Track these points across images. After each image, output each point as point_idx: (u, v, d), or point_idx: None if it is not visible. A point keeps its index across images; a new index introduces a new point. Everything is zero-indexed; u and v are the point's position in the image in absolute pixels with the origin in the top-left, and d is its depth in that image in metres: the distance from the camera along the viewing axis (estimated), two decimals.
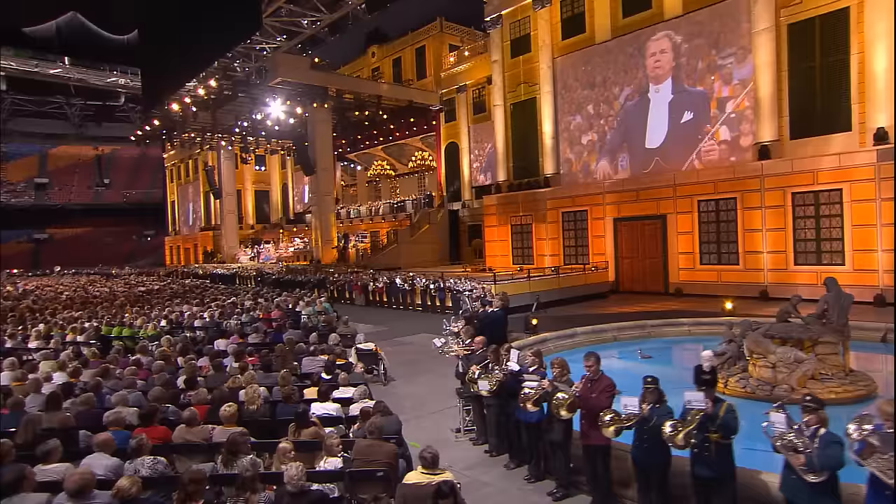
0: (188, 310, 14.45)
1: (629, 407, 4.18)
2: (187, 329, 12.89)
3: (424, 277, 18.59)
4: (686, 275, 18.54)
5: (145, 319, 12.76)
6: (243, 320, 13.62)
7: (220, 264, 38.41)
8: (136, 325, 12.26)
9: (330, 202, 31.43)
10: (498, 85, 25.42)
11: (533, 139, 24.15)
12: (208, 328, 12.87)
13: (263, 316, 14.06)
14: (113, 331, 12.15)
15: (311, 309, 14.87)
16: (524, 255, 24.31)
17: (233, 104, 32.26)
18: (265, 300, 16.45)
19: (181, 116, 34.65)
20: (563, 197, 22.58)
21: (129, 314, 14.27)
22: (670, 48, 19.34)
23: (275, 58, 29.64)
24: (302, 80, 29.50)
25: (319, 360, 8.02)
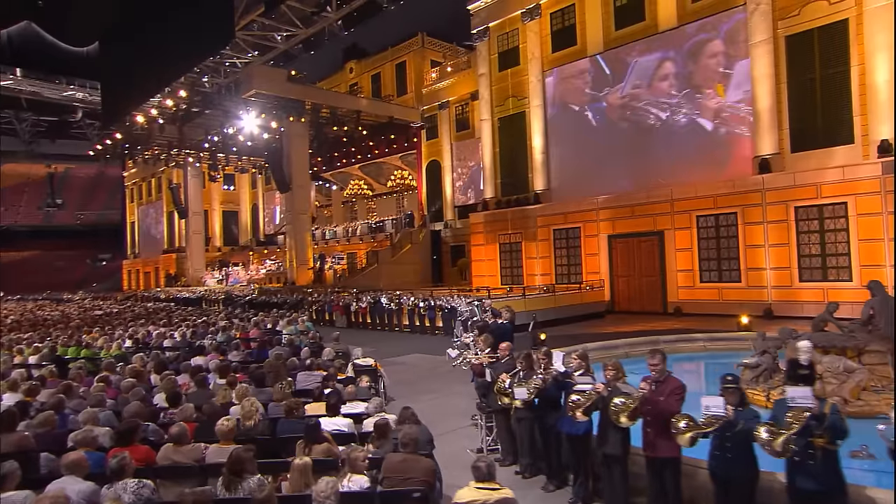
0: (155, 329, 13.54)
1: (712, 409, 3.70)
2: (155, 349, 12.02)
3: (413, 296, 17.99)
4: (685, 293, 18.37)
5: (107, 339, 11.83)
6: (219, 339, 12.81)
7: (185, 287, 37.00)
8: (96, 346, 11.32)
9: (305, 221, 30.69)
10: (485, 99, 25.39)
11: (522, 154, 24.05)
12: (179, 348, 12.03)
13: (241, 335, 13.26)
14: (69, 351, 11.19)
15: (294, 328, 14.13)
16: (513, 275, 23.93)
17: (202, 118, 31.54)
18: (240, 320, 15.59)
19: (146, 130, 33.69)
20: (554, 214, 22.40)
21: (87, 335, 13.27)
22: (665, 60, 19.54)
23: (249, 69, 29.21)
24: (278, 93, 29.07)
25: (316, 376, 7.35)
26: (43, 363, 10.28)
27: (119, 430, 4.47)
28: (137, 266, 55.15)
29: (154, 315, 19.05)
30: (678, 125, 19.09)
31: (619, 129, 20.76)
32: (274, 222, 47.49)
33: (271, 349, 10.21)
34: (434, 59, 35.83)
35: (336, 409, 5.34)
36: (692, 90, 18.68)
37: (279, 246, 41.51)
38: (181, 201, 38.71)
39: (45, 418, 5.11)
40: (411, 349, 14.39)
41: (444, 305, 16.48)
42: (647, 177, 19.76)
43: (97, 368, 9.61)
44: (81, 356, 10.98)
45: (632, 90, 20.37)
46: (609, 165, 20.90)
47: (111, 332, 13.69)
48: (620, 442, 4.40)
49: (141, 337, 12.36)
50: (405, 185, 38.89)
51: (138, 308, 23.28)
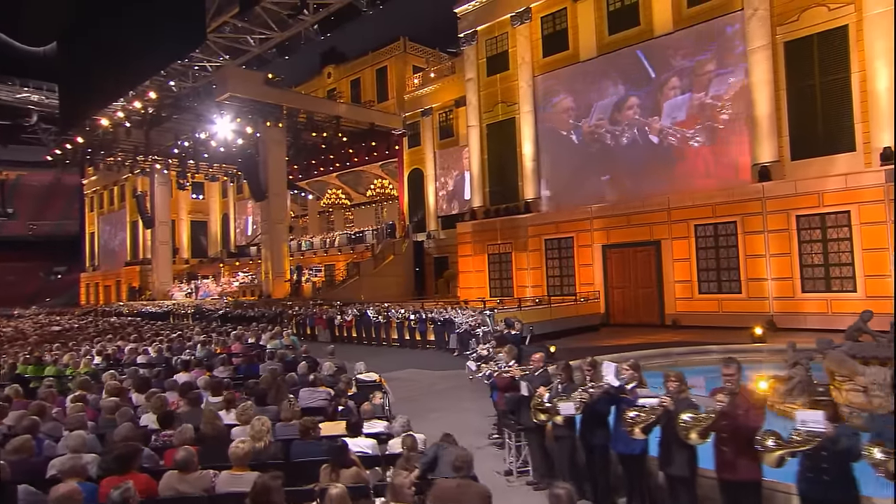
0: (126, 345, 12.80)
1: (809, 424, 3.38)
2: (128, 366, 11.32)
3: (402, 308, 17.52)
4: (683, 305, 18.30)
5: (74, 356, 11.08)
6: (198, 355, 12.15)
7: (150, 301, 35.76)
8: (62, 363, 10.58)
9: (282, 231, 29.98)
10: (473, 104, 25.23)
11: (511, 162, 23.90)
12: (155, 364, 11.35)
13: (221, 350, 12.63)
14: (30, 369, 10.43)
15: (279, 342, 13.54)
16: (503, 287, 23.65)
17: (172, 122, 30.73)
18: (218, 335, 14.92)
19: (110, 135, 32.63)
20: (545, 223, 22.23)
21: (49, 353, 12.46)
22: (658, 65, 19.64)
23: (224, 71, 28.57)
24: (254, 97, 28.50)
25: (321, 392, 6.87)
26: (2, 383, 9.54)
27: (116, 456, 3.94)
28: (97, 279, 53.36)
29: (121, 330, 18.16)
30: (673, 131, 19.15)
31: (611, 137, 20.77)
32: (246, 233, 46.45)
33: (262, 364, 9.65)
34: (416, 65, 35.68)
35: (358, 428, 4.88)
36: (688, 95, 18.78)
37: (252, 257, 40.54)
38: (147, 210, 37.57)
39: (21, 444, 4.53)
40: (405, 364, 13.92)
41: (436, 318, 16.05)
42: (642, 185, 19.76)
43: (65, 388, 8.94)
44: (46, 374, 10.24)
45: (624, 96, 20.43)
46: (602, 173, 20.86)
47: (76, 347, 12.90)
48: (688, 462, 4.05)
49: (111, 353, 11.63)
50: (385, 194, 38.47)
51: (101, 323, 22.23)
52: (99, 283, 52.89)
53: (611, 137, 20.82)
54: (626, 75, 20.28)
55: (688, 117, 18.74)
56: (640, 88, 19.97)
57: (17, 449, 4.49)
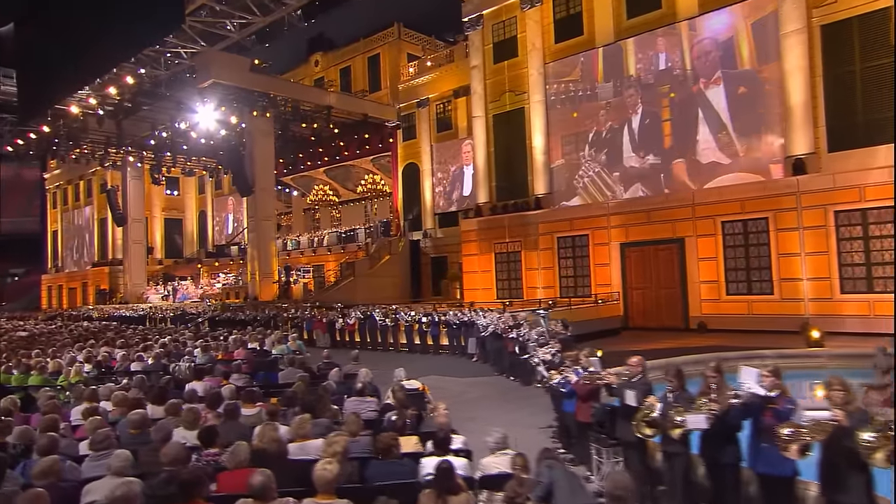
0: (116, 351, 12.09)
1: None
2: (122, 374, 10.64)
3: (412, 310, 16.99)
4: (710, 307, 18.01)
5: (60, 363, 10.35)
6: (198, 361, 11.51)
7: (123, 305, 34.69)
8: (47, 371, 9.85)
9: (270, 228, 29.23)
10: (478, 93, 24.80)
11: (520, 154, 23.51)
12: (151, 371, 10.69)
13: (223, 356, 12.00)
14: (13, 378, 9.70)
15: (285, 347, 12.95)
16: (511, 288, 23.23)
17: (149, 110, 29.77)
18: (214, 339, 14.24)
19: (80, 124, 31.58)
20: (558, 220, 21.86)
21: (26, 359, 11.68)
22: (679, 52, 19.38)
23: (207, 56, 27.75)
24: (239, 84, 27.71)
25: (369, 403, 6.33)
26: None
27: (182, 483, 3.36)
28: (60, 281, 51.85)
29: (101, 335, 17.33)
30: (698, 122, 18.88)
31: (632, 127, 20.47)
32: (226, 232, 45.47)
33: (281, 371, 9.06)
34: (412, 53, 35.16)
35: (446, 445, 4.35)
36: (709, 84, 18.53)
37: (233, 258, 39.65)
38: (119, 206, 36.46)
39: (48, 467, 3.92)
40: (424, 370, 13.35)
41: (451, 321, 15.54)
42: (664, 178, 19.48)
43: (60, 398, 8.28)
44: (31, 384, 9.53)
45: (645, 83, 20.14)
46: (623, 164, 20.55)
47: (57, 354, 12.13)
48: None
49: (102, 360, 10.92)
50: (377, 190, 37.79)
51: (75, 328, 21.31)
52: (63, 285, 51.40)
53: (629, 128, 20.50)
54: (645, 62, 19.99)
55: (713, 104, 18.46)
56: (660, 76, 19.67)
57: (46, 472, 3.88)
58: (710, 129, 18.49)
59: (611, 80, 20.90)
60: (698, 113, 18.74)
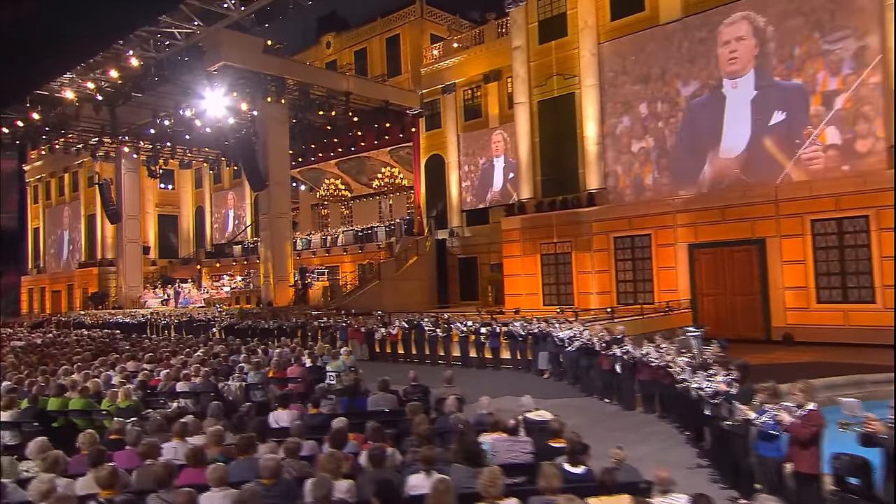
0: (157, 369, 11.40)
1: None
2: (168, 396, 9.97)
3: (468, 319, 16.31)
4: (797, 316, 17.34)
5: (98, 384, 9.62)
6: (250, 380, 10.85)
7: (117, 310, 33.98)
8: (89, 393, 9.13)
9: (285, 226, 28.57)
10: (521, 77, 24.11)
11: (570, 145, 22.86)
12: (200, 394, 10.01)
13: (276, 374, 11.33)
14: (50, 402, 8.98)
15: (341, 364, 12.24)
16: (560, 294, 22.58)
17: (150, 95, 28.97)
18: (251, 353, 13.56)
19: (72, 110, 30.82)
20: (615, 218, 21.21)
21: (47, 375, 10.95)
22: (752, 32, 18.73)
23: (216, 35, 26.92)
24: (252, 67, 27.03)
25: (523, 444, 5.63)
26: (24, 421, 8.14)
27: None
28: (43, 283, 51.14)
29: (109, 347, 16.62)
30: (770, 111, 18.21)
31: (692, 117, 19.79)
32: (226, 229, 44.74)
33: (371, 397, 8.36)
34: (435, 34, 34.50)
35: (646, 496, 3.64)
36: (791, 68, 17.85)
37: (236, 258, 38.94)
38: (112, 201, 35.70)
39: None
40: (489, 389, 12.61)
41: (516, 332, 14.85)
42: (727, 175, 18.83)
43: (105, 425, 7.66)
44: (71, 408, 8.83)
45: (707, 68, 19.45)
46: (690, 156, 19.87)
47: (83, 371, 11.41)
48: None
49: (144, 379, 10.21)
50: (395, 184, 37.07)
51: (80, 338, 20.58)
52: (45, 287, 50.68)
53: (697, 117, 19.82)
54: (706, 45, 19.34)
55: (804, 90, 17.76)
56: (739, 57, 18.99)
57: None
58: (800, 118, 17.80)
59: (677, 61, 20.21)
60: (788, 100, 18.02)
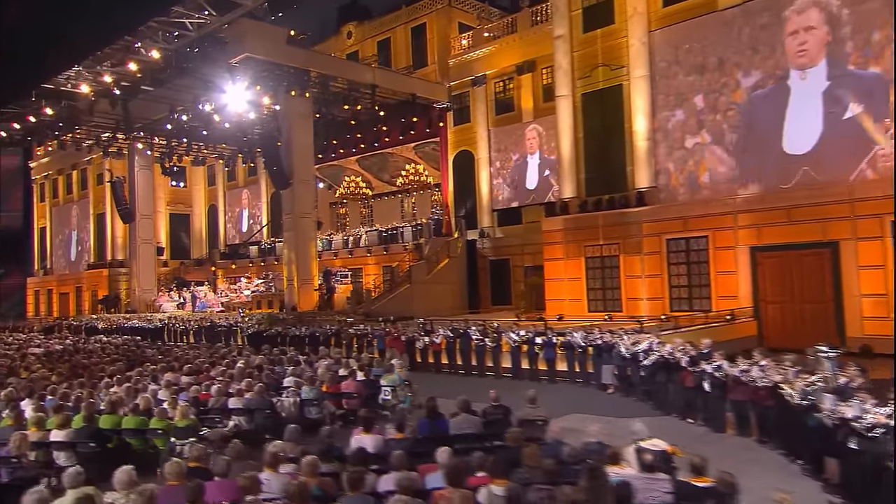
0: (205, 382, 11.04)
1: None
2: (221, 413, 9.60)
3: (521, 329, 15.86)
4: (874, 326, 16.71)
5: (148, 400, 9.22)
6: (304, 396, 10.45)
7: (131, 314, 33.79)
8: (140, 410, 8.75)
9: (310, 227, 28.29)
10: (563, 69, 23.61)
11: (617, 141, 22.37)
12: (254, 410, 9.64)
13: (329, 389, 10.95)
14: (102, 419, 8.60)
15: (396, 377, 11.84)
16: (607, 300, 22.09)
17: (168, 88, 28.69)
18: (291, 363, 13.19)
19: (85, 106, 30.63)
20: (668, 219, 20.68)
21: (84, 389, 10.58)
22: (823, 20, 18.12)
23: (239, 25, 26.63)
24: (276, 59, 26.72)
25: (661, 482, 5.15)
26: (80, 441, 7.78)
27: None
28: (50, 285, 51.21)
29: (137, 356, 16.30)
30: (844, 103, 17.60)
31: (754, 110, 19.21)
32: (240, 229, 44.53)
33: (453, 419, 7.89)
34: (464, 22, 34.09)
35: None
36: (868, 56, 17.24)
37: (252, 259, 38.69)
38: (126, 200, 35.54)
39: None
40: (550, 406, 12.15)
41: (575, 343, 14.36)
42: (794, 173, 18.26)
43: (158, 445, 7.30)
44: (125, 427, 8.47)
45: (773, 57, 18.87)
46: (751, 152, 19.27)
47: (123, 384, 11.04)
48: None
49: (194, 394, 9.84)
50: (420, 182, 36.74)
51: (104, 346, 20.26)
52: (53, 289, 50.75)
53: (760, 109, 19.23)
54: (770, 32, 18.76)
55: (883, 80, 17.12)
56: (809, 49, 18.38)
57: None
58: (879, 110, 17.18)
59: (737, 50, 19.64)
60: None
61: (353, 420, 11.13)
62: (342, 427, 10.88)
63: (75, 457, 7.47)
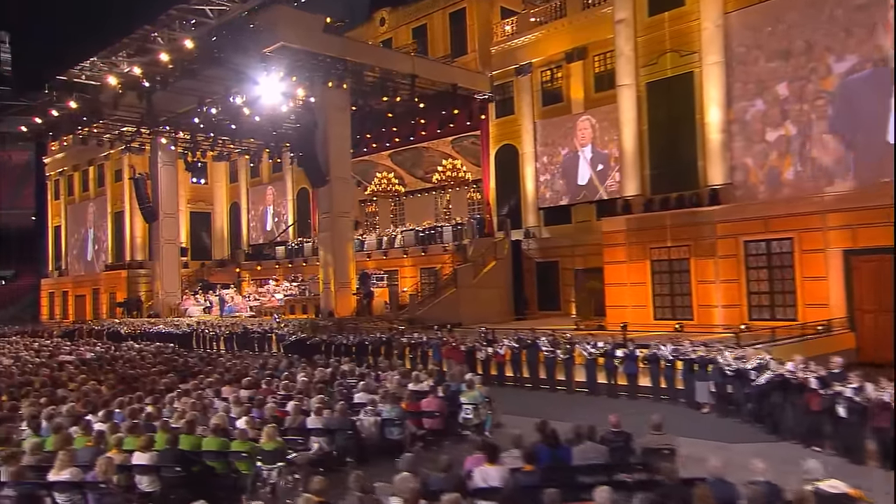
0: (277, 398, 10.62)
1: None
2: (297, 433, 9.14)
3: (597, 339, 15.26)
4: None
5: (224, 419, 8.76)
6: (385, 415, 9.95)
7: (156, 319, 33.63)
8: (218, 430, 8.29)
9: (347, 227, 27.89)
10: (626, 55, 23.00)
11: (686, 134, 21.75)
12: (335, 431, 9.16)
13: (409, 407, 10.44)
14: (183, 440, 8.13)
15: (477, 395, 11.31)
16: (675, 306, 21.49)
17: (197, 80, 28.41)
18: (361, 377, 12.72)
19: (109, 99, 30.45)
20: (746, 219, 20.00)
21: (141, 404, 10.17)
22: None
23: (274, 12, 26.28)
24: (312, 48, 26.33)
25: None
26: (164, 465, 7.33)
27: None
28: (66, 286, 51.44)
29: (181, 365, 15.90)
30: None
31: (848, 98, 18.43)
32: (264, 228, 44.30)
33: (578, 446, 7.31)
34: (506, 7, 33.58)
35: None
36: None
37: (279, 260, 38.39)
38: (149, 198, 35.38)
39: None
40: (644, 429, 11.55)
41: (663, 355, 13.72)
42: None
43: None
44: (205, 448, 8.02)
45: (870, 39, 18.06)
46: (844, 145, 18.49)
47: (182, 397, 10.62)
48: None
49: (270, 413, 9.39)
50: (457, 178, 36.20)
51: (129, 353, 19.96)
52: (68, 291, 50.98)
53: (856, 97, 18.41)
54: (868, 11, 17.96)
55: None
56: None
57: None
58: None
59: (828, 32, 18.87)
60: None
61: (433, 441, 10.71)
62: (423, 449, 10.45)
63: (159, 482, 7.04)
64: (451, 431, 11.05)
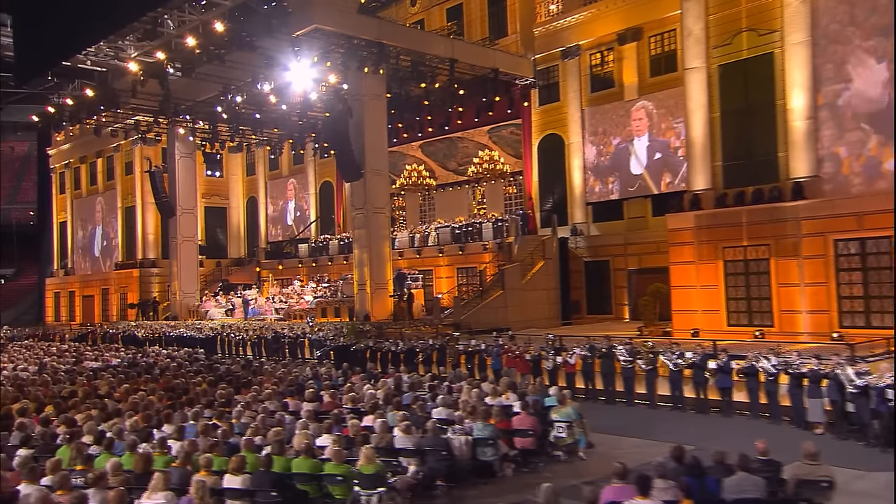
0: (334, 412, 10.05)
1: None
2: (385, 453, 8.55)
3: (684, 349, 14.58)
4: None
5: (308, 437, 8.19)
6: (476, 434, 9.35)
7: (176, 321, 33.27)
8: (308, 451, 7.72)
9: (384, 223, 27.39)
10: (694, 36, 22.26)
11: (765, 121, 20.98)
12: (428, 452, 8.57)
13: (501, 425, 9.83)
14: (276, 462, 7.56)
15: (570, 411, 10.70)
16: (752, 311, 20.75)
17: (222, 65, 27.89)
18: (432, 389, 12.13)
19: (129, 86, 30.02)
20: (836, 215, 19.22)
21: None
22: None
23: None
24: (347, 31, 25.74)
25: None
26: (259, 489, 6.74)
27: None
28: (73, 286, 51.28)
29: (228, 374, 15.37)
30: None
31: None
32: (285, 224, 43.83)
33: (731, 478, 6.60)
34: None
35: None
36: None
37: (302, 259, 37.89)
38: (165, 192, 35.02)
39: None
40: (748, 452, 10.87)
41: (765, 369, 12.98)
42: None
43: None
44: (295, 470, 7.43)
45: None
46: None
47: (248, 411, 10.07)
48: None
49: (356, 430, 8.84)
50: (494, 170, 35.53)
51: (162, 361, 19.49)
52: (75, 291, 50.82)
53: None
54: None
55: None
56: None
57: None
58: None
59: None
60: None
61: (522, 462, 10.17)
62: (515, 471, 9.90)
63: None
64: (543, 451, 10.50)
